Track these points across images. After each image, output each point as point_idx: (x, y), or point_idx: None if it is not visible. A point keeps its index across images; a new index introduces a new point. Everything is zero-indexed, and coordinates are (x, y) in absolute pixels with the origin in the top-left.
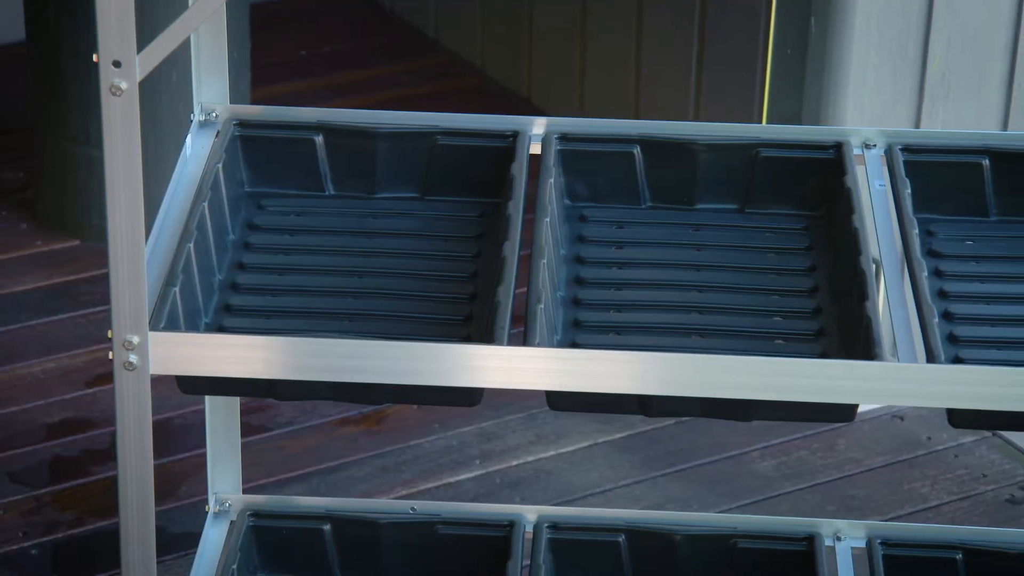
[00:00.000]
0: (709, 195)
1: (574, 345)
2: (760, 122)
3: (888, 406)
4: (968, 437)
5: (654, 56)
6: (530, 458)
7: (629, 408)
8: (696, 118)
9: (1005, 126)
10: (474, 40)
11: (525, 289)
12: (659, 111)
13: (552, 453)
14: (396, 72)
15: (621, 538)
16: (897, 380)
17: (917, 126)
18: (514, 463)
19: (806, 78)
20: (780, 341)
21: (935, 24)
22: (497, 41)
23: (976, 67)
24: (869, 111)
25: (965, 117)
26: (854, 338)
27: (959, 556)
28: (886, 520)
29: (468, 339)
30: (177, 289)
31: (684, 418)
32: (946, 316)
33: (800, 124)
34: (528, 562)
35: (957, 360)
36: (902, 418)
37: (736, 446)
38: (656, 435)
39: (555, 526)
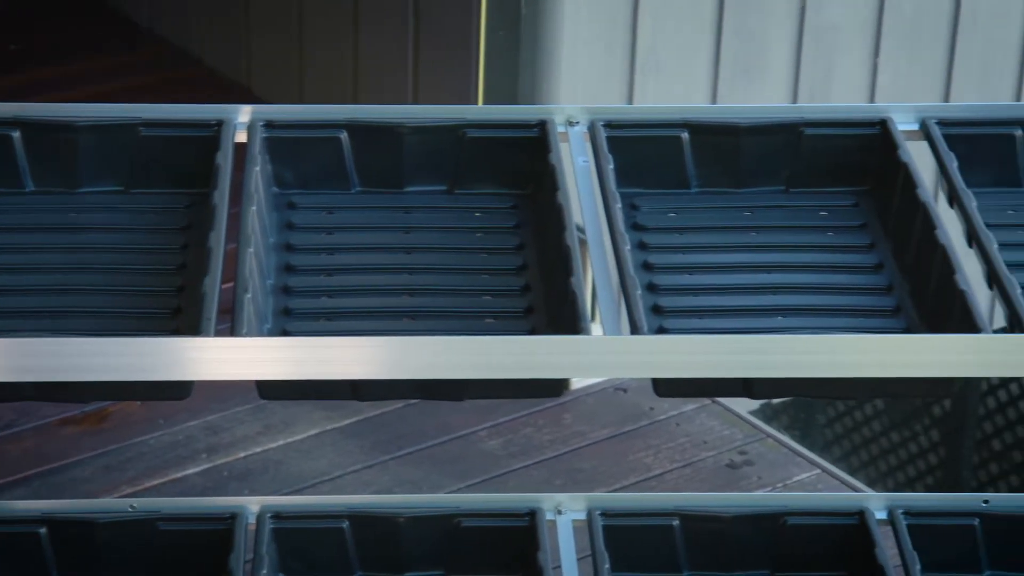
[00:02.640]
0: (418, 177)
1: (284, 333)
2: (477, 102)
3: (611, 379)
4: (689, 405)
5: (371, 40)
6: (258, 449)
7: (342, 393)
8: (415, 100)
9: (714, 99)
10: (190, 29)
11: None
12: (378, 95)
13: (280, 443)
14: (109, 65)
15: (345, 524)
16: (602, 353)
17: (630, 101)
18: (242, 455)
19: (519, 57)
20: (490, 320)
21: (642, 0)
22: (213, 29)
23: (684, 41)
24: (583, 88)
25: (675, 91)
26: (562, 314)
27: (676, 522)
28: (612, 491)
29: (177, 332)
30: None
31: (412, 401)
32: (650, 288)
33: (516, 103)
34: (252, 555)
35: (662, 330)
36: (625, 390)
37: (464, 426)
38: (385, 419)
39: (278, 516)
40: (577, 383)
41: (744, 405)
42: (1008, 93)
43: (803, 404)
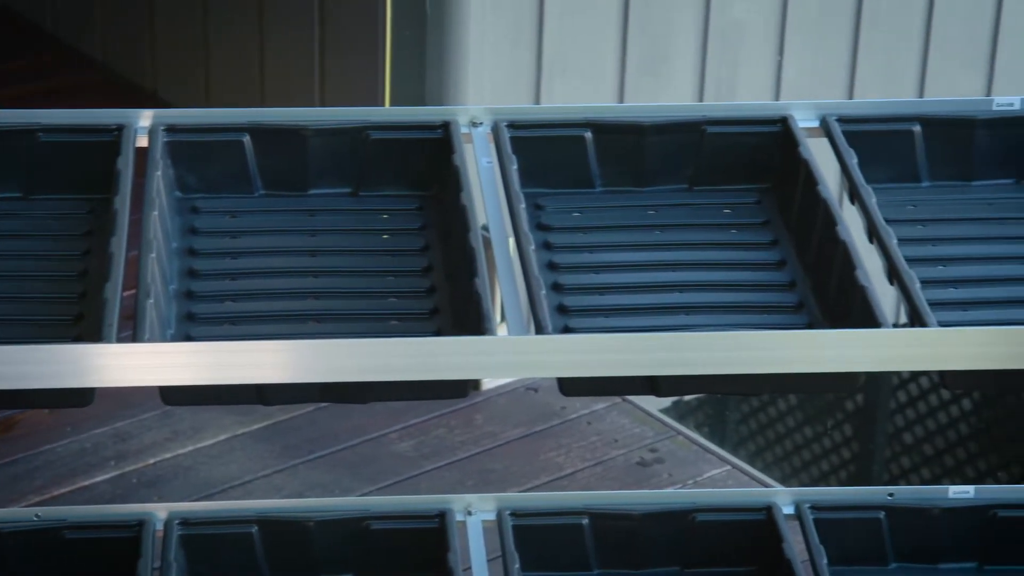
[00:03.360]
0: (322, 180)
1: (188, 338)
2: (384, 104)
3: (522, 379)
4: (600, 404)
5: (276, 44)
6: (167, 455)
7: (247, 398)
8: (322, 103)
9: (621, 98)
10: (94, 33)
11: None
12: (285, 98)
13: (190, 448)
14: (12, 69)
15: (254, 529)
16: (506, 353)
17: (537, 101)
18: (151, 461)
19: (426, 59)
20: (395, 322)
21: (548, 1)
22: (118, 34)
23: (590, 40)
24: (490, 88)
25: (582, 91)
26: (467, 315)
27: (585, 521)
28: (523, 491)
29: (79, 339)
30: None
31: (323, 404)
32: (556, 287)
33: (423, 104)
34: (160, 562)
35: (567, 330)
36: (536, 390)
37: (376, 428)
38: (295, 423)
39: (186, 522)
40: (488, 384)
41: (655, 403)
42: (911, 87)
43: (717, 401)
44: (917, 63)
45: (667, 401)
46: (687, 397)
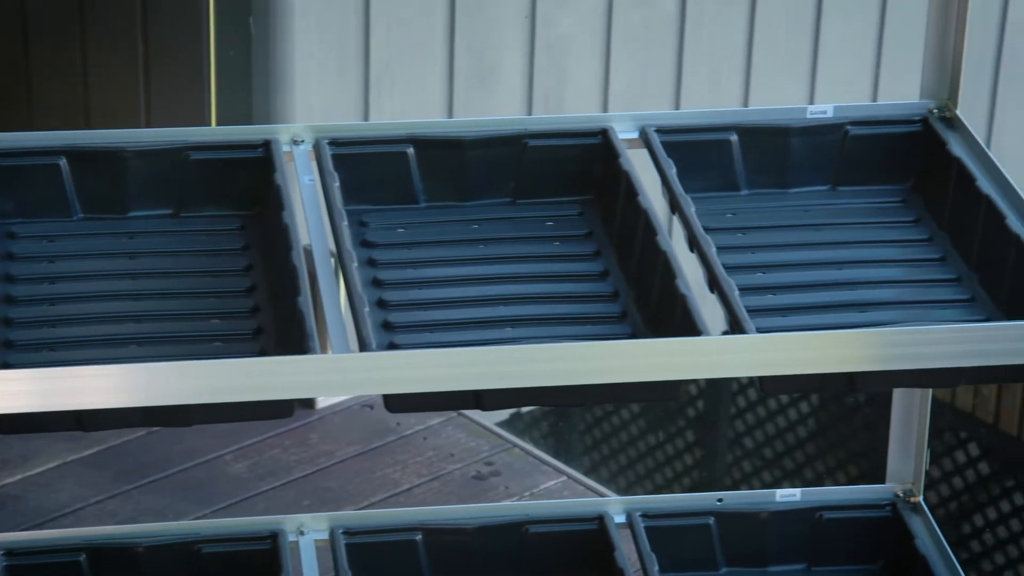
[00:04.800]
0: (142, 202)
1: (5, 366)
2: (211, 124)
3: (357, 396)
4: (435, 419)
5: (100, 66)
6: None
7: (65, 425)
8: (148, 124)
9: (450, 112)
10: None
11: None
12: (110, 121)
13: (19, 477)
14: None
15: (82, 557)
16: (328, 372)
17: (366, 117)
18: None
19: (252, 78)
20: (219, 343)
21: (373, 16)
22: None
23: (417, 56)
24: (319, 106)
25: (411, 107)
26: (290, 334)
27: (419, 537)
28: (360, 508)
29: None
30: None
31: (156, 428)
32: (380, 304)
33: (251, 124)
34: None
35: (392, 346)
36: (371, 407)
37: (210, 450)
38: (128, 447)
39: (11, 552)
40: (323, 402)
41: (491, 417)
42: (736, 96)
43: (560, 413)
44: (741, 73)
45: (505, 414)
46: (526, 409)
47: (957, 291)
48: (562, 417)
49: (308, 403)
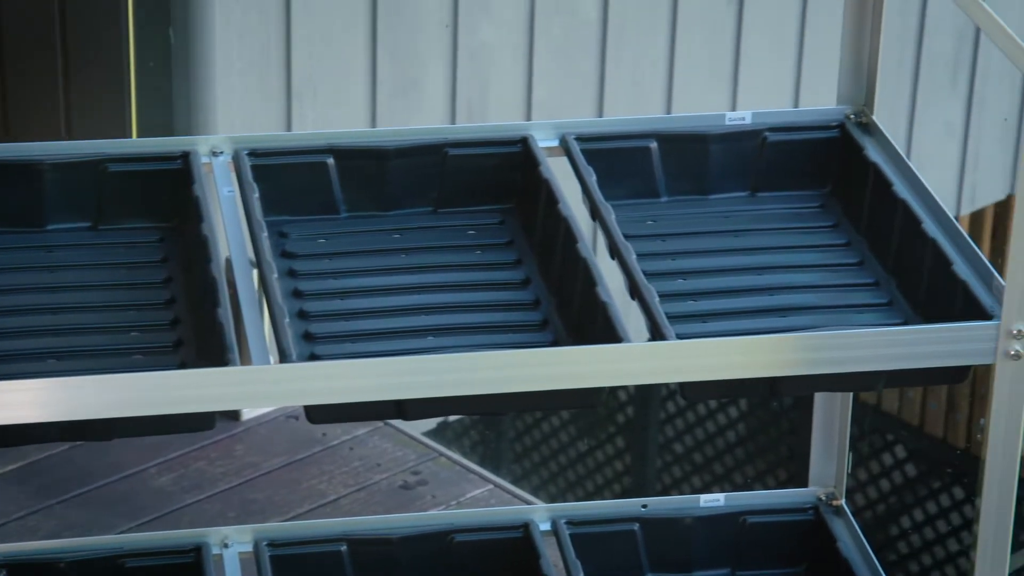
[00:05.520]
0: (59, 215)
1: None
2: (132, 136)
3: (283, 407)
4: (362, 429)
5: (17, 78)
6: None
7: None
8: (69, 137)
9: (373, 122)
10: None
11: None
12: (30, 130)
13: None
14: None
15: (3, 573)
16: (248, 384)
17: (289, 128)
18: None
19: (173, 89)
20: (139, 356)
21: (295, 27)
22: None
23: (340, 65)
24: (241, 117)
25: (334, 117)
26: (210, 346)
27: (343, 547)
28: (286, 519)
29: None
30: None
31: (79, 442)
32: (301, 315)
33: (172, 135)
34: None
35: (314, 357)
36: (297, 417)
37: (135, 463)
38: (51, 462)
39: None
40: (248, 413)
41: (418, 426)
42: (659, 104)
43: (488, 421)
44: (663, 81)
45: (433, 423)
46: (454, 418)
47: (875, 295)
48: (491, 426)
49: (233, 415)
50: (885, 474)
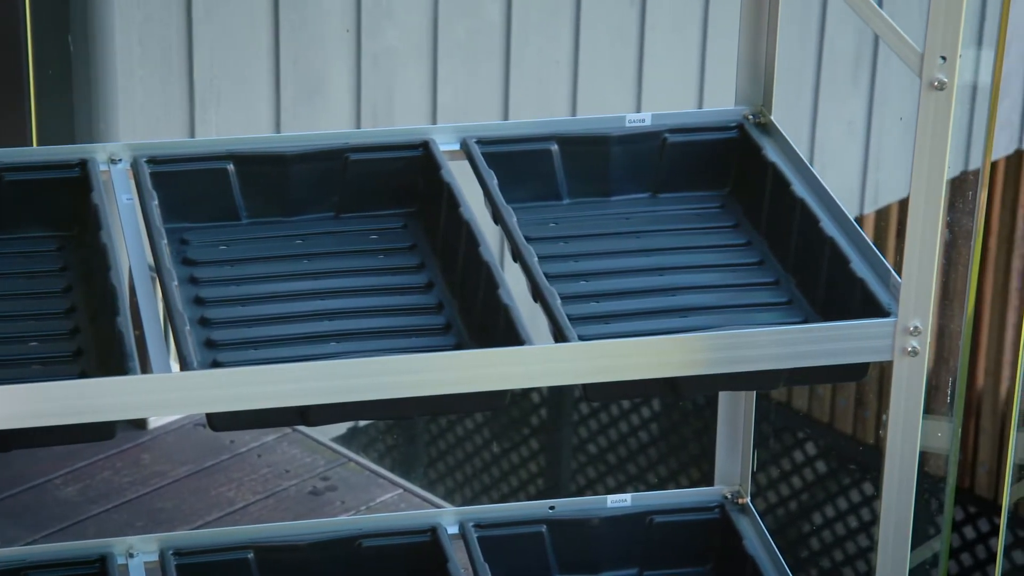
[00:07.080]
0: None
1: None
2: (31, 144)
3: (190, 415)
4: (270, 436)
5: None
6: None
7: None
8: None
9: (278, 127)
10: None
11: None
12: None
13: None
14: None
15: None
16: (149, 392)
17: (192, 134)
18: None
19: (73, 97)
20: (38, 366)
21: (196, 33)
22: None
23: (243, 70)
24: (143, 123)
25: (238, 123)
26: (111, 355)
27: (251, 555)
28: (194, 528)
29: None
30: None
31: None
32: (203, 322)
33: (73, 143)
34: None
35: (216, 364)
36: (204, 425)
37: (39, 475)
38: None
39: None
40: (155, 422)
41: (327, 432)
42: (564, 107)
43: (399, 426)
44: (568, 83)
45: (343, 428)
46: (364, 424)
47: (775, 294)
48: (403, 431)
49: (140, 423)
50: (796, 471)
